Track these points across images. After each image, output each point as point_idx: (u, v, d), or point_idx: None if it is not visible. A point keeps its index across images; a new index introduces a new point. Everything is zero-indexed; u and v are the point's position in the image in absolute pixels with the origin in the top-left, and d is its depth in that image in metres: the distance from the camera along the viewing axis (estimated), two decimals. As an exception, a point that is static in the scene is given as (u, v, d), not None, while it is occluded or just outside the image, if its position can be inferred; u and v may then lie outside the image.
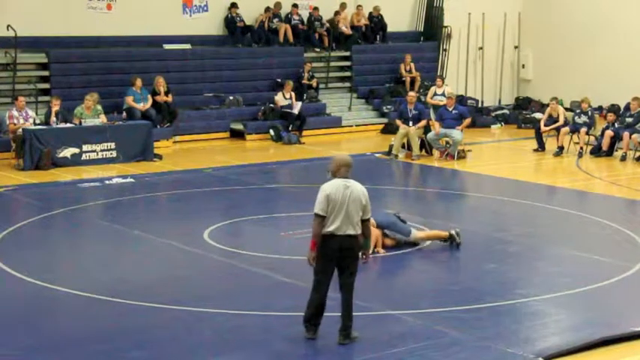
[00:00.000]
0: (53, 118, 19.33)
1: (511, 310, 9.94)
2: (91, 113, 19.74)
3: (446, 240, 12.56)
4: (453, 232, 12.55)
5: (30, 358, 8.62)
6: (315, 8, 26.02)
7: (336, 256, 8.75)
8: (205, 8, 24.87)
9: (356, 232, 8.76)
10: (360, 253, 8.92)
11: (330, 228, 8.70)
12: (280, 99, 23.50)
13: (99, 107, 19.98)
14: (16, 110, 19.27)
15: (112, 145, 19.44)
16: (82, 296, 10.30)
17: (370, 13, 27.01)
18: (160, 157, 19.97)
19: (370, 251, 11.73)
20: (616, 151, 20.51)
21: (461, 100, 25.71)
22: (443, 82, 23.69)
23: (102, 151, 19.35)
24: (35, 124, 19.22)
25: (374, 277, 11.67)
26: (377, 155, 20.77)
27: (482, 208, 15.93)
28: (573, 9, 28.27)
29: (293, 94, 23.60)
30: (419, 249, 12.51)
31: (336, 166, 8.92)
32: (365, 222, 8.84)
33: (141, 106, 21.55)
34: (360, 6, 26.92)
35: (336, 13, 26.40)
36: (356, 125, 25.12)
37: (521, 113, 26.92)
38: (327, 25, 25.99)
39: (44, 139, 18.65)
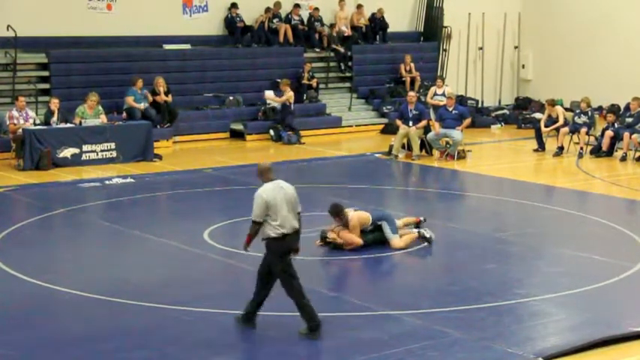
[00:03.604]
0: (54, 119, 19.33)
1: (511, 310, 9.94)
2: (93, 113, 19.76)
3: (424, 239, 12.61)
4: (422, 232, 12.65)
5: (30, 358, 8.63)
6: (316, 9, 26.02)
7: (287, 254, 9.11)
8: (205, 8, 24.87)
9: (299, 226, 9.20)
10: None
11: (281, 230, 8.98)
12: (269, 95, 23.40)
13: (99, 107, 20.00)
14: (16, 110, 19.27)
15: (112, 145, 19.44)
16: (82, 296, 10.31)
17: (373, 14, 26.99)
18: (159, 157, 19.97)
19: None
20: (616, 151, 20.51)
21: (461, 100, 25.70)
22: (443, 83, 23.69)
23: (102, 151, 19.35)
24: (35, 124, 19.22)
25: (374, 277, 11.69)
26: (377, 155, 20.77)
27: (482, 208, 15.93)
28: (573, 9, 28.27)
29: (289, 91, 23.36)
30: (419, 249, 12.51)
31: (261, 172, 9.21)
32: (297, 215, 9.24)
33: (141, 106, 21.56)
34: (360, 5, 26.93)
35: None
36: (356, 125, 25.12)
37: (521, 113, 26.92)
38: (329, 29, 25.95)
39: (44, 139, 18.66)
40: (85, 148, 19.14)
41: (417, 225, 13.00)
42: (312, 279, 11.37)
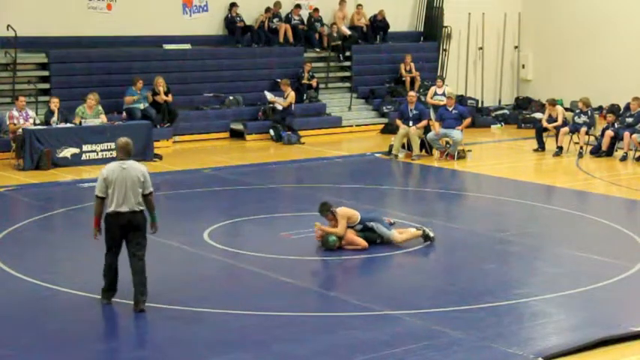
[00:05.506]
0: (54, 118, 19.33)
1: (511, 310, 9.94)
2: (93, 113, 19.77)
3: (425, 238, 12.62)
4: (426, 230, 12.67)
5: (30, 357, 8.62)
6: (316, 9, 26.02)
7: (121, 231, 9.71)
8: (205, 8, 24.87)
9: (138, 208, 9.70)
10: (149, 226, 9.87)
11: (113, 207, 9.64)
12: (274, 98, 23.40)
13: (99, 107, 20.01)
14: (16, 110, 19.27)
15: (112, 145, 19.40)
16: (82, 296, 10.31)
17: (374, 16, 26.97)
18: (160, 157, 19.97)
19: (337, 245, 12.10)
20: (616, 151, 20.51)
21: (461, 100, 25.70)
22: (443, 83, 23.69)
23: (102, 151, 19.35)
24: (35, 124, 19.22)
25: (374, 277, 11.68)
26: (377, 155, 20.78)
27: (482, 208, 15.93)
28: (573, 9, 28.27)
29: (291, 91, 23.36)
30: (418, 249, 12.51)
31: (116, 149, 9.94)
32: (147, 197, 9.73)
33: (141, 107, 21.56)
34: (360, 5, 26.93)
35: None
36: (356, 125, 25.12)
37: (521, 113, 26.92)
38: (329, 29, 25.96)
39: (44, 139, 18.66)
40: (85, 148, 19.14)
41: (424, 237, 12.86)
42: (312, 279, 11.40)
